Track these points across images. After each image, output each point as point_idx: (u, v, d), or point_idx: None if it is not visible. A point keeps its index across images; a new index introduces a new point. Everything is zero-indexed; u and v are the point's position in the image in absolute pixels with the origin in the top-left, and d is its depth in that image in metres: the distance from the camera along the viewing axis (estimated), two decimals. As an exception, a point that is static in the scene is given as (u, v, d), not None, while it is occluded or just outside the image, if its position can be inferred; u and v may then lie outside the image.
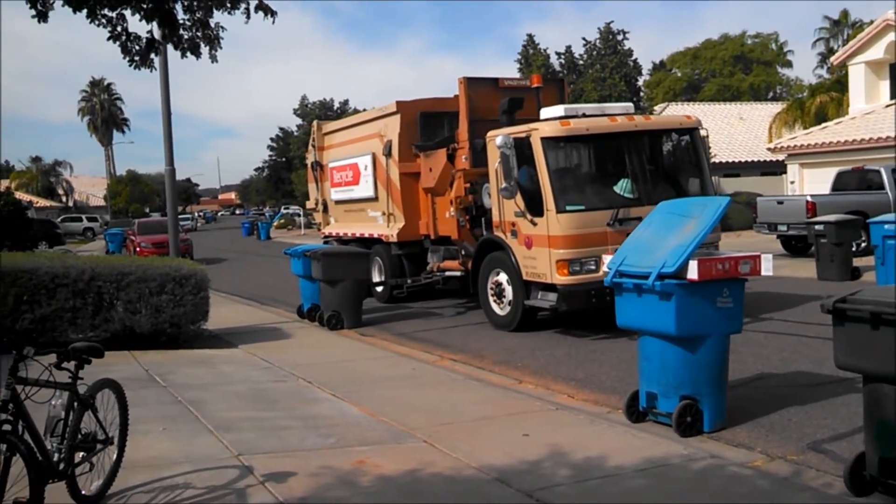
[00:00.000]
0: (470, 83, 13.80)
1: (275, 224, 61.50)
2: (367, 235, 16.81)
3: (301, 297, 14.53)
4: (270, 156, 77.60)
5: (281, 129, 70.28)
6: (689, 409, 6.58)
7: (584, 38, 50.71)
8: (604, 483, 5.55)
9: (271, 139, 71.56)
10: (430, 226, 15.01)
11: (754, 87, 65.20)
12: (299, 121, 56.26)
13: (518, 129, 11.71)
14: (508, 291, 12.10)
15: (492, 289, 12.47)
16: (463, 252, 13.85)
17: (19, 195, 39.00)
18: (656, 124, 12.59)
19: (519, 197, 11.44)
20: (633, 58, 49.27)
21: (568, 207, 11.02)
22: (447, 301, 15.88)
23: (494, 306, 12.48)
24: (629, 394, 7.09)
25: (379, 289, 16.39)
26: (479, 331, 12.62)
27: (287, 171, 64.93)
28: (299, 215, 61.25)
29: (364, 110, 56.02)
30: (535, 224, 11.25)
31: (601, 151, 11.96)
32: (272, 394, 8.63)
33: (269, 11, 5.74)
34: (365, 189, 16.64)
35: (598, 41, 49.35)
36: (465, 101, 13.62)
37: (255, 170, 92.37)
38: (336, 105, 54.34)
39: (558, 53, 50.15)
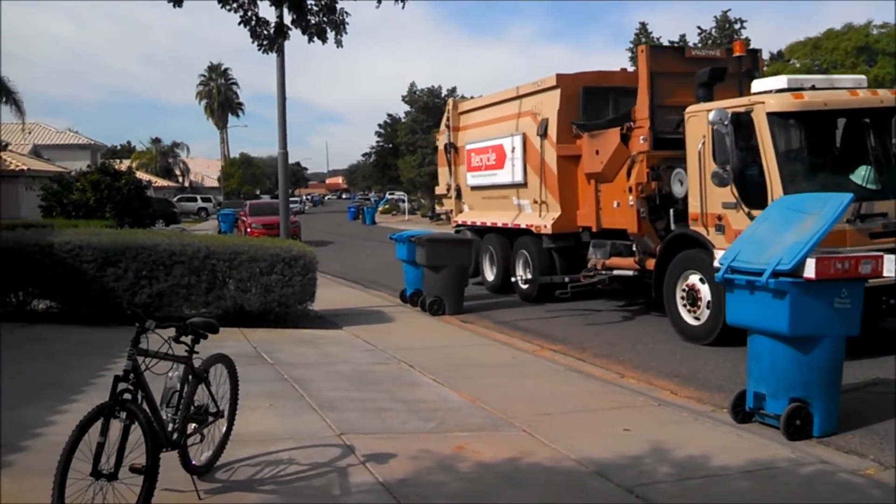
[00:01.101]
0: (653, 52, 12.24)
1: (380, 209, 62.37)
2: (510, 225, 15.10)
3: (404, 282, 14.72)
4: (378, 142, 78.75)
5: (389, 115, 71.18)
6: (799, 411, 6.36)
7: (699, 27, 49.28)
8: (707, 483, 5.43)
9: (379, 125, 72.58)
10: (592, 216, 13.18)
11: (878, 79, 62.05)
12: (407, 107, 56.81)
13: (735, 103, 9.85)
14: (706, 297, 10.25)
15: (683, 293, 10.61)
16: (640, 248, 11.98)
17: (140, 175, 40.76)
18: None
19: (732, 185, 9.71)
20: (751, 47, 47.49)
21: None
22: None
23: (685, 314, 10.60)
24: (736, 393, 6.91)
25: (525, 286, 14.63)
26: (582, 322, 12.51)
27: (393, 158, 65.79)
28: (404, 201, 61.91)
29: (472, 97, 56.34)
30: (753, 218, 8.90)
31: (839, 132, 10.00)
32: (374, 376, 8.78)
33: None
34: (511, 174, 14.99)
35: (713, 30, 47.88)
36: (647, 74, 11.78)
37: (363, 155, 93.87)
38: (444, 92, 54.52)
39: (672, 42, 48.97)
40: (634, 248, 12.12)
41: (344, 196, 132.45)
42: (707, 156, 10.05)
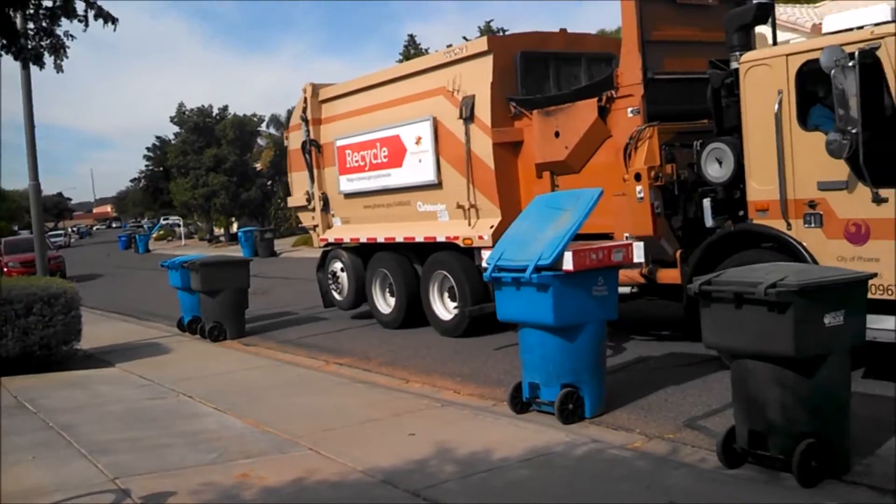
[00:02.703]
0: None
1: (153, 236, 59.59)
2: (419, 240, 11.60)
3: (181, 310, 14.07)
4: (147, 166, 74.99)
5: (158, 137, 68.09)
6: (571, 396, 6.71)
7: (464, 38, 51.06)
8: (489, 476, 5.58)
9: (147, 149, 69.14)
10: None
11: None
12: (177, 129, 54.61)
13: (852, 38, 6.96)
14: None
15: None
16: (652, 255, 8.73)
17: None
18: None
19: (860, 155, 6.73)
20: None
21: None
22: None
23: None
24: (512, 385, 7.17)
25: (447, 318, 11.44)
26: (367, 332, 12.53)
27: (165, 181, 63.00)
28: (179, 225, 59.50)
29: (245, 116, 55.23)
30: (881, 200, 6.77)
31: None
32: (150, 412, 8.32)
33: (109, 18, 5.54)
34: (415, 172, 11.54)
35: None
36: (637, 25, 8.83)
37: (132, 181, 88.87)
38: (215, 112, 52.96)
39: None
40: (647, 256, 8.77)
41: (114, 225, 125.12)
42: (789, 117, 7.34)
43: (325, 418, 7.47)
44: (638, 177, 8.62)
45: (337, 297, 13.68)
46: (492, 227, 10.41)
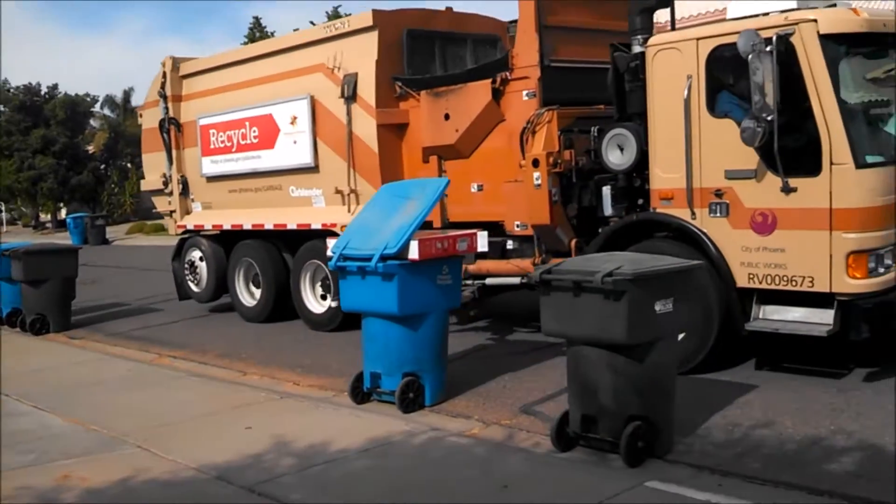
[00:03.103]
0: None
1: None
2: (291, 227, 10.89)
3: (-1, 302, 13.09)
4: (-36, 147, 69.74)
5: (-25, 116, 63.31)
6: (412, 385, 6.71)
7: (311, 22, 50.26)
8: (327, 468, 5.49)
9: (-36, 128, 64.25)
10: (437, 207, 8.98)
11: None
12: (0, 107, 50.83)
13: (764, 24, 6.76)
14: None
15: None
16: (546, 245, 8.56)
17: None
18: None
19: (774, 142, 6.59)
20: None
21: (869, 159, 6.68)
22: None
23: None
24: (354, 376, 7.09)
25: (319, 310, 10.75)
26: (203, 323, 12.11)
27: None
28: (1, 211, 55.56)
29: (78, 95, 51.92)
30: (790, 190, 6.69)
31: None
32: (-39, 413, 7.67)
33: None
34: (289, 154, 10.75)
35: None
36: (535, 4, 8.54)
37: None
38: (44, 90, 49.60)
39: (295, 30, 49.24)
40: (536, 247, 8.68)
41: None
42: (698, 103, 7.13)
43: (157, 414, 7.13)
44: (536, 163, 8.20)
45: (194, 288, 12.67)
46: None
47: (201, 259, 12.49)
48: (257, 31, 48.52)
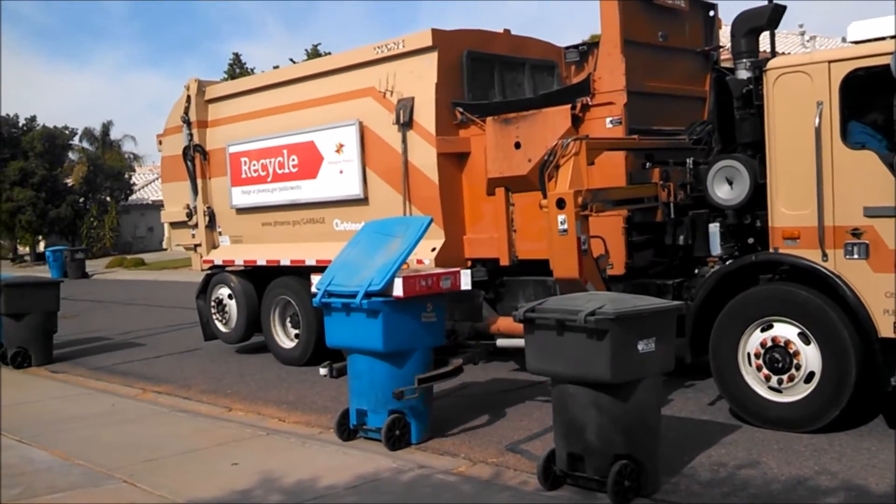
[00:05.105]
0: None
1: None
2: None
3: (-21, 336, 12.99)
4: (-59, 177, 69.12)
5: (-46, 147, 62.80)
6: (398, 422, 6.75)
7: (291, 60, 50.67)
8: (316, 505, 5.52)
9: (-58, 159, 63.73)
10: (499, 243, 8.85)
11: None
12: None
13: None
14: (808, 362, 6.45)
15: (762, 361, 6.65)
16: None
17: None
18: None
19: None
20: None
21: None
22: (160, 328, 14.63)
23: (759, 388, 6.70)
24: (340, 412, 7.12)
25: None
26: (187, 358, 12.06)
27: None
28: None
29: (56, 128, 51.70)
30: None
31: None
32: (-58, 446, 7.61)
33: None
34: (334, 185, 9.96)
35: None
36: (619, 26, 8.03)
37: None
38: (22, 122, 49.42)
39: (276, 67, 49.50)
40: None
41: None
42: (830, 132, 6.35)
43: (143, 449, 7.12)
44: (561, 203, 7.09)
45: (222, 328, 11.83)
46: (434, 249, 8.94)
47: (230, 297, 11.67)
48: (237, 67, 48.78)
